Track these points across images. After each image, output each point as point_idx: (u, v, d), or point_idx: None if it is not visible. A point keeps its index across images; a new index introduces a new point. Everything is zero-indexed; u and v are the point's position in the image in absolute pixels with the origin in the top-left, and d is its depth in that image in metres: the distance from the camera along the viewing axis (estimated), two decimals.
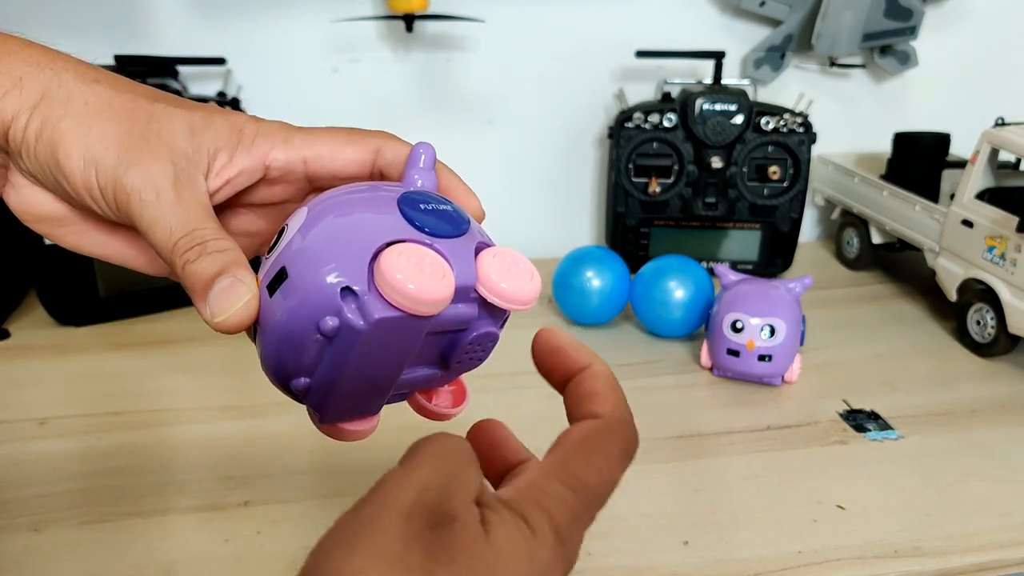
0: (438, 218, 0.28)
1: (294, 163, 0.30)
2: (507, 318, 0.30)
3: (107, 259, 0.32)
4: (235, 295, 0.26)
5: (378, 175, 0.31)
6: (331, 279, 0.25)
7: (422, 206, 0.28)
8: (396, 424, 0.35)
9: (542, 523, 0.24)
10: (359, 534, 0.21)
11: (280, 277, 0.26)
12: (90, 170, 0.27)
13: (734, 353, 0.63)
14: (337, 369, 0.26)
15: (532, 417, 0.60)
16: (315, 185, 0.32)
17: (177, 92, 0.73)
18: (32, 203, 0.30)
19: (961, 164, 0.76)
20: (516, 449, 0.32)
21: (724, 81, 0.84)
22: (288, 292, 0.26)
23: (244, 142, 0.30)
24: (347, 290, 0.25)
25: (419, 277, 0.25)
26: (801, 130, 0.82)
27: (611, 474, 0.27)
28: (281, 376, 0.27)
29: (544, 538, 0.24)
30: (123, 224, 0.29)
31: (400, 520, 0.22)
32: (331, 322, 0.25)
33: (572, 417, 0.29)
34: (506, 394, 0.62)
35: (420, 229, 0.27)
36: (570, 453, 0.27)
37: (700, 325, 0.70)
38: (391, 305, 0.25)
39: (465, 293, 0.28)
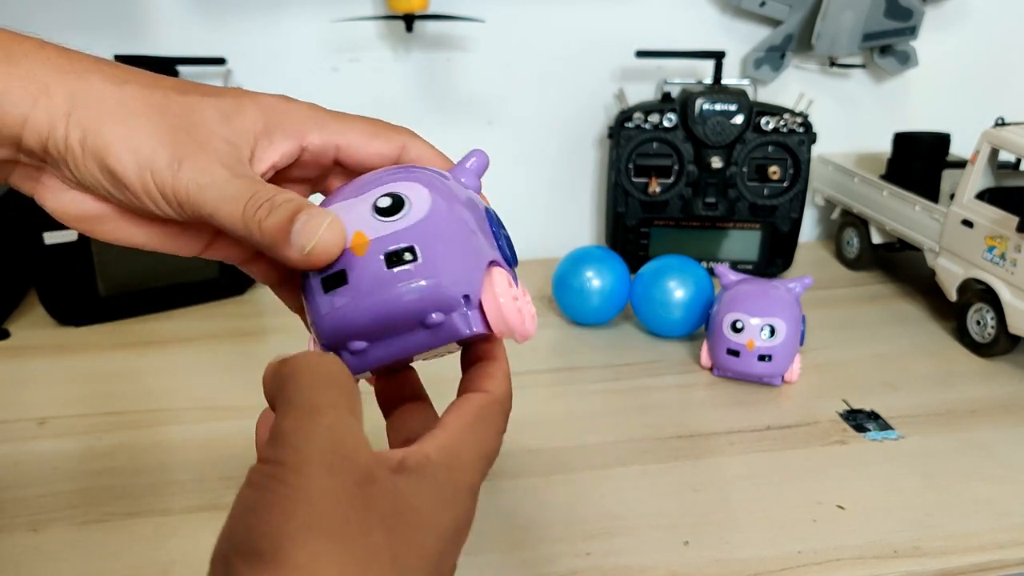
0: (507, 244, 0.30)
1: (328, 148, 0.31)
2: None
3: (142, 247, 0.32)
4: (315, 224, 0.26)
5: None
6: (459, 285, 0.27)
7: (497, 228, 0.30)
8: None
9: (460, 487, 0.26)
10: (289, 497, 0.21)
11: (404, 254, 0.27)
12: (146, 174, 0.27)
13: (734, 353, 0.63)
14: (405, 349, 0.28)
15: (532, 417, 0.60)
16: (343, 168, 0.33)
17: None
18: (72, 204, 0.30)
19: (961, 164, 0.76)
20: (414, 384, 0.34)
21: (724, 81, 0.84)
22: (414, 275, 0.27)
23: (281, 124, 0.30)
24: (465, 297, 0.28)
25: (514, 312, 0.28)
26: (801, 130, 0.82)
27: (497, 444, 0.30)
28: (347, 333, 0.28)
29: (462, 502, 0.27)
30: (181, 220, 0.29)
31: (326, 477, 0.22)
32: (436, 317, 0.27)
33: (465, 388, 0.31)
34: None
35: (502, 252, 0.30)
36: (475, 422, 0.29)
37: (700, 325, 0.70)
38: (486, 323, 0.28)
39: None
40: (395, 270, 0.26)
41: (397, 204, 0.27)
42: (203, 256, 0.33)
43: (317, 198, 0.33)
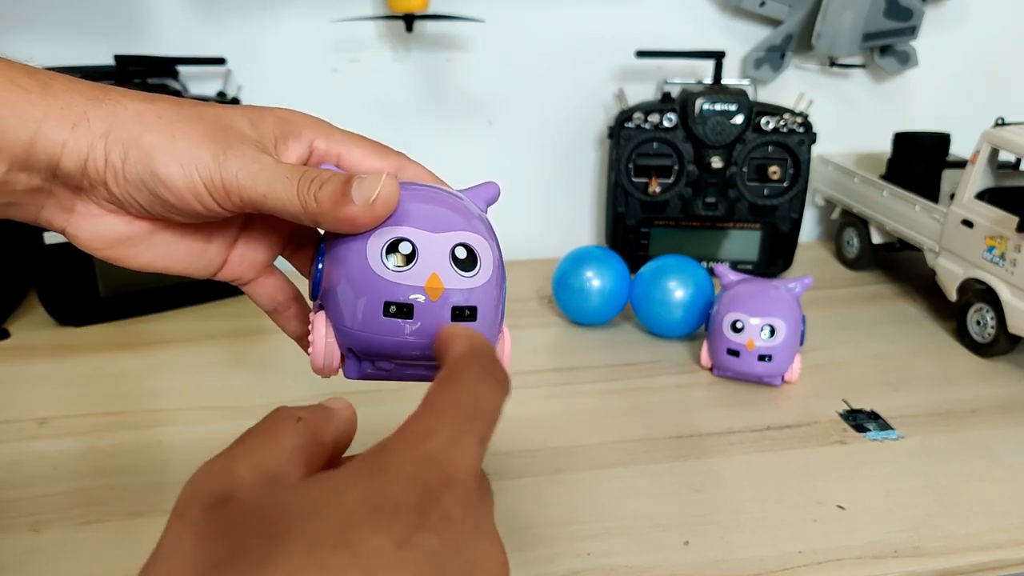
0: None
1: (331, 156, 0.33)
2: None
3: (168, 271, 0.34)
4: (374, 180, 0.28)
5: None
6: (492, 341, 0.31)
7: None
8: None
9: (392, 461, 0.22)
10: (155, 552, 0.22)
11: (466, 311, 0.29)
12: (191, 171, 0.29)
13: (734, 353, 0.63)
14: (418, 376, 0.31)
15: (532, 417, 0.60)
16: None
17: (177, 92, 0.73)
18: (104, 231, 0.31)
19: (961, 164, 0.76)
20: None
21: (724, 81, 0.84)
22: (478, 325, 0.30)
23: (293, 131, 0.33)
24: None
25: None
26: (801, 130, 0.82)
27: (475, 390, 0.25)
28: (390, 355, 0.30)
29: (392, 474, 0.21)
30: (215, 217, 0.31)
31: (175, 521, 0.22)
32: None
33: None
34: None
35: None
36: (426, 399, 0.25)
37: (700, 325, 0.70)
38: None
39: None
40: (458, 324, 0.29)
41: (471, 260, 0.30)
42: (217, 277, 0.35)
43: None
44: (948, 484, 0.53)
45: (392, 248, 0.28)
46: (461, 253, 0.29)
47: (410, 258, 0.28)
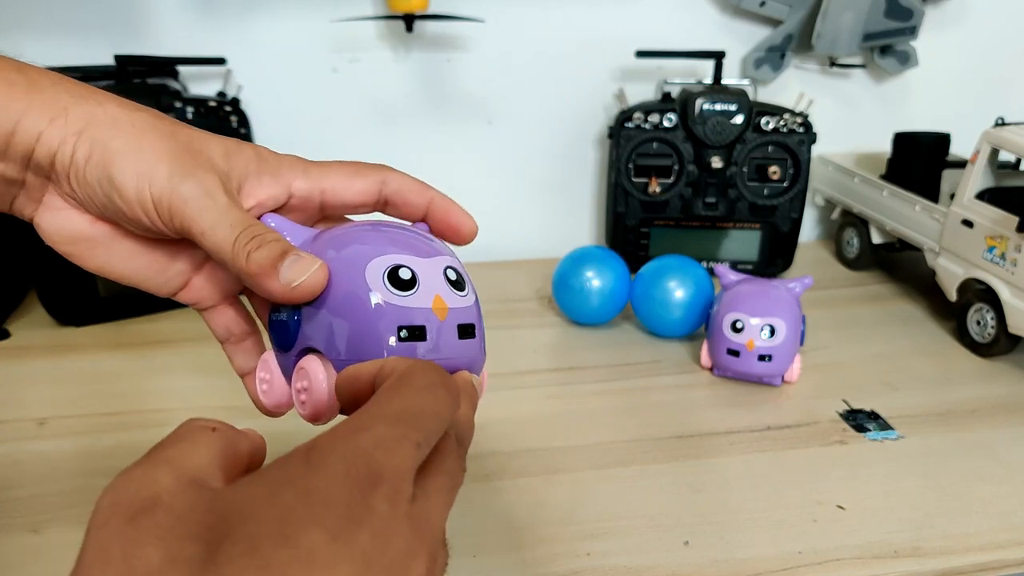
0: None
1: (313, 192, 0.33)
2: None
3: (125, 280, 0.34)
4: (305, 265, 0.29)
5: (383, 203, 0.35)
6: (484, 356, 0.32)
7: None
8: None
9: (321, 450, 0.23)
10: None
11: (469, 328, 0.30)
12: (144, 184, 0.29)
13: (734, 353, 0.63)
14: None
15: (532, 417, 0.60)
16: (326, 213, 0.35)
17: (177, 92, 0.73)
18: (65, 226, 0.32)
19: (961, 164, 0.76)
20: None
21: (724, 81, 0.84)
22: (472, 348, 0.31)
23: (269, 170, 0.33)
24: None
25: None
26: (801, 130, 0.82)
27: (418, 398, 0.25)
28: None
29: (323, 462, 0.22)
30: (164, 235, 0.31)
31: (96, 532, 0.22)
32: None
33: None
34: (506, 394, 0.62)
35: None
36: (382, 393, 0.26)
37: (700, 325, 0.70)
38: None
39: None
40: (464, 341, 0.30)
41: (460, 281, 0.31)
42: (176, 298, 0.35)
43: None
44: (948, 484, 0.53)
45: (392, 274, 0.29)
46: (452, 275, 0.31)
47: (411, 283, 0.29)
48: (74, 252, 0.33)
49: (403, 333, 0.28)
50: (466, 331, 0.30)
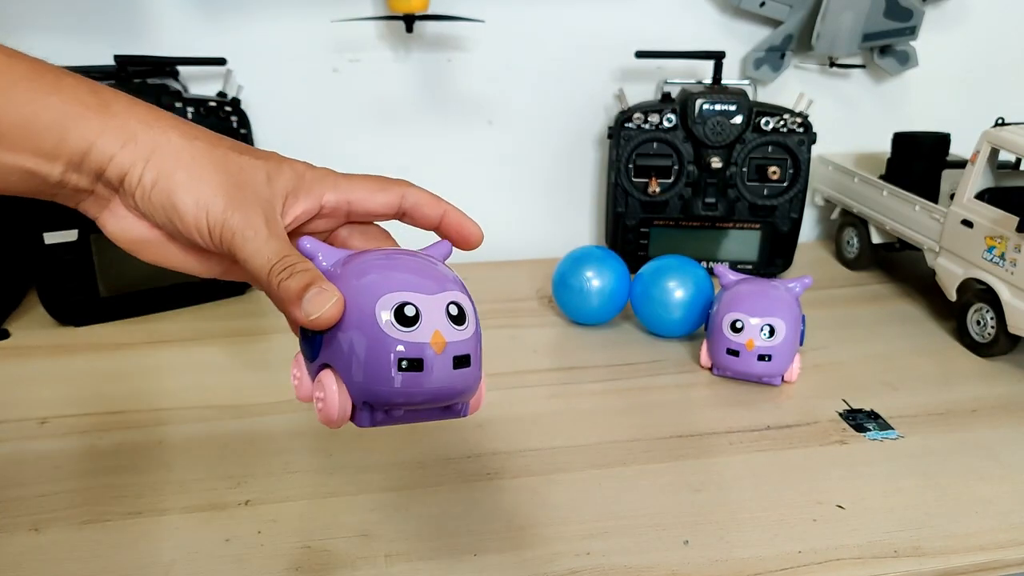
0: None
1: (341, 204, 0.38)
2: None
3: (177, 268, 0.39)
4: (324, 299, 0.33)
5: (402, 214, 0.40)
6: (480, 382, 0.36)
7: None
8: (390, 431, 0.35)
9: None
10: None
11: (464, 359, 0.34)
12: (202, 213, 0.34)
13: (734, 353, 0.63)
14: (420, 418, 0.36)
15: (532, 417, 0.60)
16: (351, 219, 0.40)
17: (177, 92, 0.73)
18: (127, 229, 0.37)
19: (961, 164, 0.76)
20: None
21: (724, 81, 0.84)
22: (467, 376, 0.34)
23: (304, 187, 0.37)
24: None
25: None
26: (801, 130, 0.82)
27: None
28: (400, 403, 0.34)
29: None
30: (211, 250, 0.36)
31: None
32: (459, 405, 0.36)
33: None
34: (506, 393, 0.62)
35: None
36: None
37: (700, 325, 0.70)
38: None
39: None
40: (458, 371, 0.34)
41: (462, 315, 0.34)
42: (220, 278, 0.40)
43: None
44: (948, 484, 0.53)
45: (399, 311, 0.33)
46: (454, 310, 0.34)
47: (415, 319, 0.33)
48: (133, 249, 0.37)
49: (403, 364, 0.33)
50: (461, 362, 0.34)
